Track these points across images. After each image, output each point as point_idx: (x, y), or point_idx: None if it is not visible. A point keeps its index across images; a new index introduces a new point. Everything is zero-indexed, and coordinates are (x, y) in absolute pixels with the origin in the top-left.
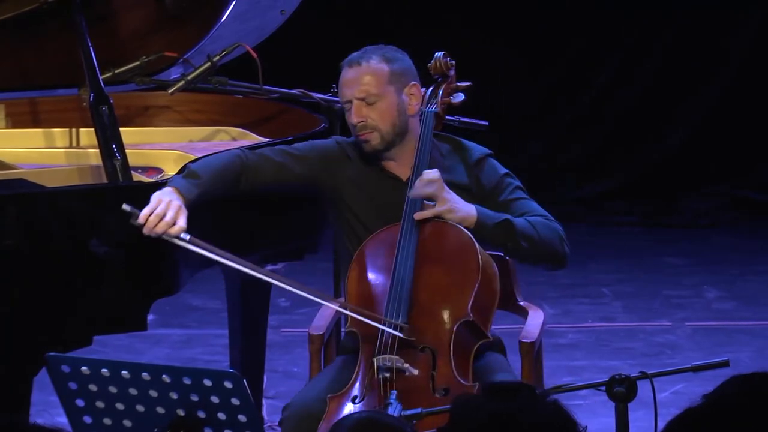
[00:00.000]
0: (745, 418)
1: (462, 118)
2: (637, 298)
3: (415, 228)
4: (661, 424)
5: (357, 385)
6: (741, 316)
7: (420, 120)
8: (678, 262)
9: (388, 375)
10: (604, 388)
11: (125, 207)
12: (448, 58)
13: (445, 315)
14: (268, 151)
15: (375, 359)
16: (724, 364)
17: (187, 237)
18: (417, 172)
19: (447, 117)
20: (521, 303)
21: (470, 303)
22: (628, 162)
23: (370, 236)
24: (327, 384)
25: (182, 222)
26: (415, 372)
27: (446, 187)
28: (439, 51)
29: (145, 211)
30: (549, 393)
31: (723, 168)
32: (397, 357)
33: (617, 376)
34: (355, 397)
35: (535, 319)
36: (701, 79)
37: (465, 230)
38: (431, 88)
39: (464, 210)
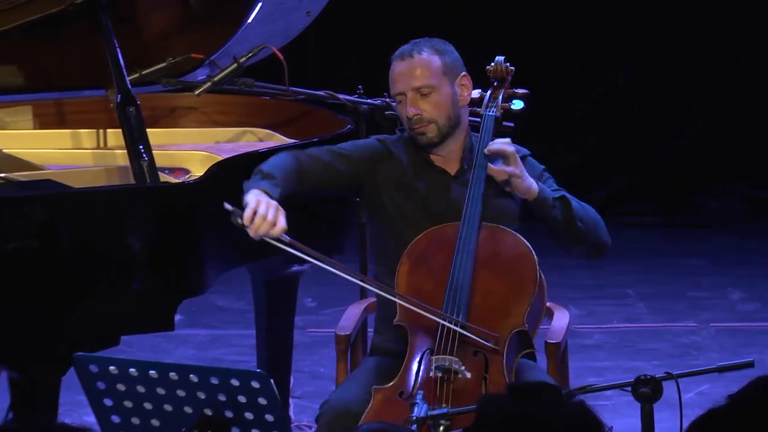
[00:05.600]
0: None
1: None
2: (660, 299)
3: (475, 230)
4: (686, 425)
5: (407, 380)
6: (764, 317)
7: (481, 122)
8: (701, 264)
9: (442, 375)
10: (629, 388)
11: (227, 206)
12: (508, 64)
13: (502, 322)
14: (315, 151)
15: (434, 358)
16: (749, 365)
17: (287, 238)
18: (476, 175)
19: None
20: (547, 304)
21: (526, 313)
22: (648, 163)
23: (424, 232)
24: (367, 381)
25: (283, 222)
26: (468, 375)
27: (518, 156)
28: (500, 55)
29: (247, 212)
30: (575, 393)
31: (744, 169)
32: (456, 358)
33: (642, 377)
34: (402, 392)
35: (560, 320)
36: (720, 75)
37: (524, 239)
38: (489, 92)
39: (529, 180)
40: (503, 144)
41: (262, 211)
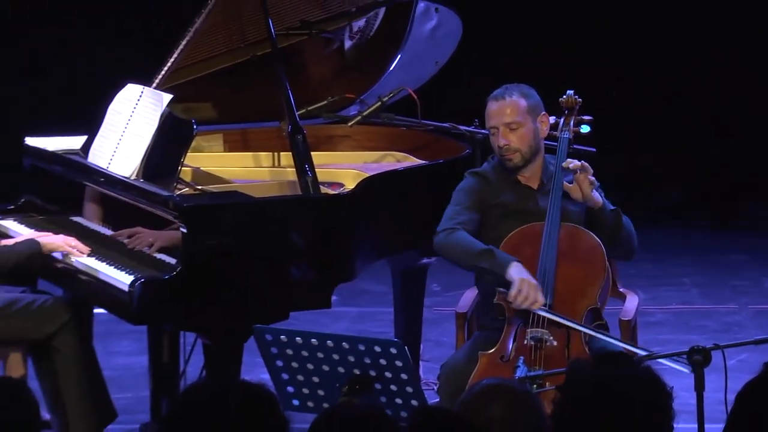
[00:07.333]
0: None
1: (574, 145)
2: (710, 286)
3: (557, 229)
4: (730, 386)
5: (506, 347)
6: None
7: (557, 143)
8: (742, 258)
9: (534, 343)
10: (685, 356)
11: (501, 290)
12: (577, 96)
13: (579, 301)
14: (459, 217)
15: (528, 330)
16: None
17: (545, 309)
18: (556, 185)
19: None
20: (621, 289)
21: (598, 294)
22: (700, 172)
23: (514, 231)
24: (475, 348)
25: (541, 298)
26: (555, 344)
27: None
28: (570, 89)
29: (513, 292)
30: (643, 360)
31: None
32: (547, 330)
33: (695, 347)
34: (502, 356)
35: (631, 302)
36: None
37: (594, 235)
38: (562, 119)
39: (596, 192)
40: (577, 163)
41: (525, 292)
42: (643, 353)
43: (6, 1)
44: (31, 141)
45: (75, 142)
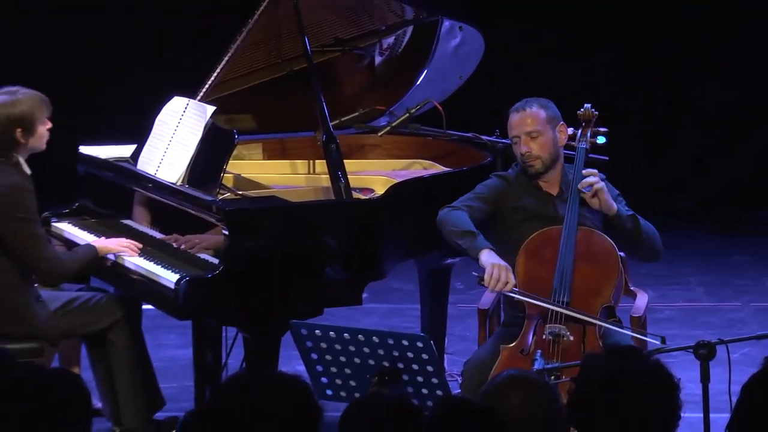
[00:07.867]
0: None
1: (589, 155)
2: (714, 285)
3: (574, 232)
4: (734, 377)
5: (526, 341)
6: None
7: (575, 153)
8: (744, 259)
9: (552, 338)
10: (691, 350)
11: (475, 273)
12: (594, 109)
13: (594, 300)
14: (469, 202)
15: (547, 325)
16: None
17: (516, 290)
18: (574, 192)
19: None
20: (632, 288)
21: (612, 293)
22: (709, 181)
23: (534, 234)
24: (497, 343)
25: (512, 279)
26: (572, 339)
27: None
28: (587, 103)
29: (486, 276)
30: (652, 353)
31: None
32: (564, 326)
33: (701, 342)
34: (523, 350)
35: (641, 300)
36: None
37: (609, 238)
38: (580, 130)
39: (612, 200)
40: (592, 176)
41: (495, 275)
42: (654, 339)
43: (6, 1)
44: (85, 149)
45: (125, 150)
